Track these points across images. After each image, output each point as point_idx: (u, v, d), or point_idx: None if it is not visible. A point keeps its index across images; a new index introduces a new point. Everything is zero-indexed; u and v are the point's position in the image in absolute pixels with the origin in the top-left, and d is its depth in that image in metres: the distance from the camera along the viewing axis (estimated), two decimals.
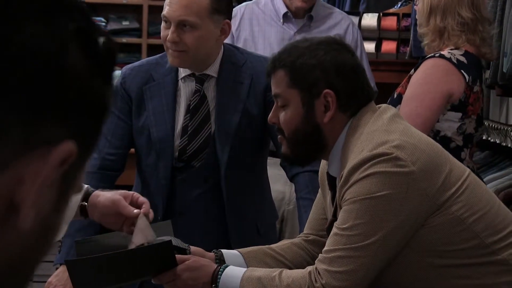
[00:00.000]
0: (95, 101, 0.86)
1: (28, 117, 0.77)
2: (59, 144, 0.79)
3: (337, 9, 4.46)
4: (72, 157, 0.80)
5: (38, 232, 0.78)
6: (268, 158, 3.16)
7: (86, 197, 2.40)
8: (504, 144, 4.06)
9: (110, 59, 0.88)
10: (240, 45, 3.94)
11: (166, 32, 2.88)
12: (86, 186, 2.44)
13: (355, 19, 4.79)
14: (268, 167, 3.16)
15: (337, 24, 4.06)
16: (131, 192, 2.42)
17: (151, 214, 2.38)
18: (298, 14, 4.06)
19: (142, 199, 2.38)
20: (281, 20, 4.07)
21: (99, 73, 0.85)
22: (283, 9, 4.06)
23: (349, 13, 4.83)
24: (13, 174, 0.77)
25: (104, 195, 2.39)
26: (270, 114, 2.34)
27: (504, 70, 3.56)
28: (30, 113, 0.78)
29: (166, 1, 2.91)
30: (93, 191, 2.42)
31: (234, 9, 4.13)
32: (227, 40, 3.69)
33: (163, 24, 2.93)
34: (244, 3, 4.33)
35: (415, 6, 3.44)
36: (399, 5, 5.01)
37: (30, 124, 0.78)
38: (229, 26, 3.02)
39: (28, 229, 0.76)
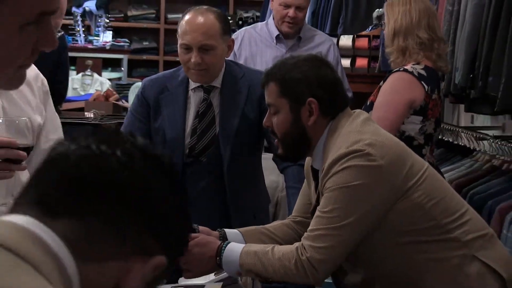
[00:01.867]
0: (181, 221, 1.01)
1: (140, 240, 0.93)
2: (156, 255, 0.93)
3: (320, 32, 4.50)
4: (162, 267, 0.94)
5: None
6: (264, 153, 3.17)
7: None
8: (455, 143, 4.09)
9: (186, 197, 1.03)
10: (241, 61, 4.01)
11: (187, 56, 2.87)
12: None
13: (334, 40, 4.80)
14: (263, 161, 3.17)
15: (321, 44, 4.09)
16: None
17: None
18: (288, 36, 4.09)
19: None
20: (275, 41, 4.11)
21: (180, 205, 1.00)
22: (276, 32, 4.12)
23: (329, 35, 4.85)
24: (126, 265, 0.91)
25: None
26: (264, 119, 2.35)
27: (456, 82, 3.59)
28: (146, 235, 0.93)
29: (183, 31, 2.89)
30: None
31: (236, 33, 4.27)
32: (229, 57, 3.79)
33: (182, 50, 2.90)
34: (243, 28, 4.47)
35: (383, 31, 3.46)
36: (369, 28, 5.02)
37: (142, 241, 0.93)
38: (233, 42, 3.05)
39: None
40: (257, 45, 4.14)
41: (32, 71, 2.24)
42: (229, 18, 3.72)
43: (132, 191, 0.92)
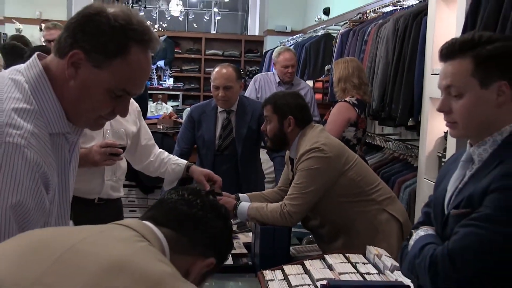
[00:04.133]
0: (227, 243, 1.06)
1: (203, 248, 0.99)
2: (209, 258, 0.98)
3: (303, 80, 4.46)
4: (212, 266, 0.99)
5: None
6: (262, 149, 3.17)
7: (188, 167, 2.35)
8: (373, 143, 4.07)
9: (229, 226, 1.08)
10: (259, 94, 4.10)
11: (217, 92, 2.88)
12: (187, 162, 2.38)
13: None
14: (262, 155, 3.16)
15: (304, 88, 4.06)
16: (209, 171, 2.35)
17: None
18: (285, 82, 4.07)
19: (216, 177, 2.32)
20: (277, 85, 4.08)
21: (228, 234, 1.07)
22: (278, 80, 4.11)
23: None
24: (193, 261, 0.97)
25: (198, 168, 2.36)
26: (262, 126, 2.33)
27: (373, 108, 3.58)
28: (206, 246, 0.99)
29: (214, 77, 2.88)
30: (191, 164, 2.37)
31: (255, 76, 4.38)
32: (251, 94, 3.98)
33: (213, 88, 2.90)
34: (260, 74, 4.43)
35: (333, 77, 3.44)
36: (323, 76, 4.97)
37: (203, 249, 0.99)
38: (243, 84, 3.05)
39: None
40: (267, 85, 4.14)
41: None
42: (241, 70, 3.71)
43: (202, 222, 0.99)
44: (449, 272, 1.15)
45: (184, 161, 2.40)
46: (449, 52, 1.25)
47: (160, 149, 2.42)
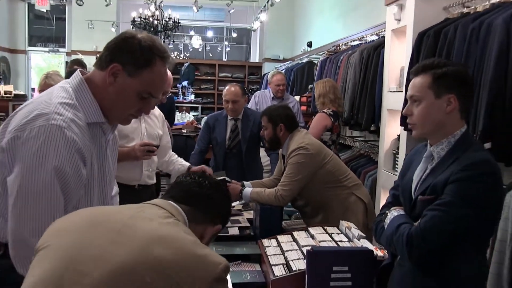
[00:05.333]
0: (228, 212, 1.05)
1: (212, 217, 0.98)
2: (217, 224, 0.98)
3: (291, 96, 4.41)
4: (219, 230, 0.99)
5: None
6: (261, 148, 3.15)
7: (189, 168, 2.31)
8: (344, 143, 4.06)
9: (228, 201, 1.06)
10: (258, 106, 4.01)
11: (227, 105, 2.86)
12: (189, 164, 2.33)
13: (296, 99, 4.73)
14: (261, 152, 3.15)
15: (292, 101, 4.01)
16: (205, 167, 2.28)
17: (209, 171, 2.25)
18: (278, 97, 4.03)
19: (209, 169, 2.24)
20: (272, 99, 4.05)
21: (228, 206, 1.05)
22: (272, 95, 4.05)
23: None
24: (206, 228, 0.96)
25: (195, 167, 2.30)
26: (261, 132, 2.33)
27: (345, 117, 3.57)
28: (214, 216, 0.98)
29: (225, 93, 2.87)
30: (191, 166, 2.32)
31: (255, 93, 4.24)
32: (252, 106, 3.88)
33: (224, 102, 2.88)
34: (259, 91, 4.30)
35: (314, 94, 3.43)
36: (306, 93, 4.96)
37: (212, 218, 0.98)
38: (246, 99, 3.03)
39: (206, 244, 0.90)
40: (264, 100, 4.08)
41: (157, 111, 2.26)
42: (245, 88, 3.69)
43: (210, 198, 0.99)
44: (422, 247, 1.17)
45: (187, 163, 2.35)
46: (415, 71, 1.30)
47: (172, 152, 2.38)
